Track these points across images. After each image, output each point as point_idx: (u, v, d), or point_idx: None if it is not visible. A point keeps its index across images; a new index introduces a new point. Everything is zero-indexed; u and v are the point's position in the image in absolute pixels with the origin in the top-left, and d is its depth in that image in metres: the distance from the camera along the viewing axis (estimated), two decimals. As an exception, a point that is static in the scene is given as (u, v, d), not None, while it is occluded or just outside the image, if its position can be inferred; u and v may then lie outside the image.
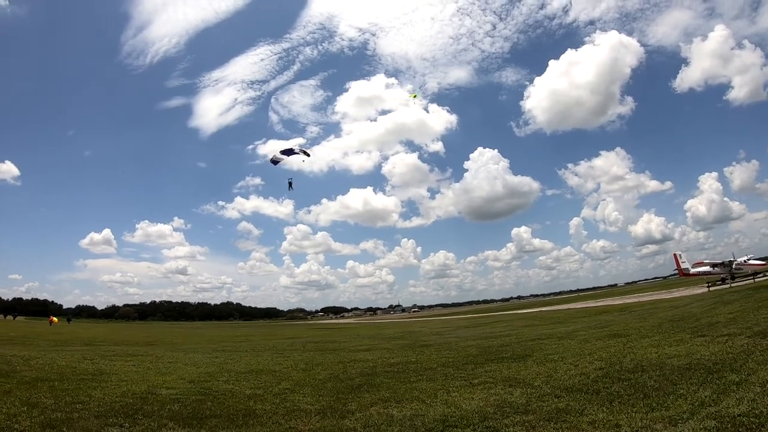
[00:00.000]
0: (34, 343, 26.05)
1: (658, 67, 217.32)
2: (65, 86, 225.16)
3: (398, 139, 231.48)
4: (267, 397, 9.76)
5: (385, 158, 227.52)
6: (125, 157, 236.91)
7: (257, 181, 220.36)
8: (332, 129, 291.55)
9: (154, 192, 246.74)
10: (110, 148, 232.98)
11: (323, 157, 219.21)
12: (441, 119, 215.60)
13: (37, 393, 9.40)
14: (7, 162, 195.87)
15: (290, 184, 32.65)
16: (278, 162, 28.29)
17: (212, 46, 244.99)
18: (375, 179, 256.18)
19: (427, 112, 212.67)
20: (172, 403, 8.99)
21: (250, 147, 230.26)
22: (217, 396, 9.85)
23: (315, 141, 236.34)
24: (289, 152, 28.02)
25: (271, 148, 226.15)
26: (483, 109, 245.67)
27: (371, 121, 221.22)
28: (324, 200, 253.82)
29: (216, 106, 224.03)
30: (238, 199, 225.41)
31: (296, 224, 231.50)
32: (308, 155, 29.32)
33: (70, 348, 23.16)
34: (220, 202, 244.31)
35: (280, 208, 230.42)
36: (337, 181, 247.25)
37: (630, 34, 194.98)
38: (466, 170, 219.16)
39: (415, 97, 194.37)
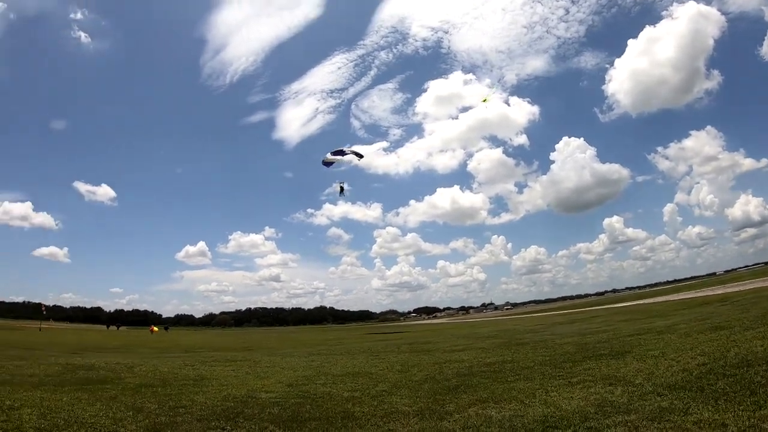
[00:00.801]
0: (136, 351, 28.34)
1: (742, 36, 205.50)
2: (152, 111, 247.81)
3: (481, 135, 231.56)
4: (364, 399, 9.78)
5: (470, 155, 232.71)
6: (215, 172, 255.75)
7: (344, 187, 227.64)
8: (414, 130, 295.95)
9: (244, 204, 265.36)
10: (200, 165, 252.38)
11: (408, 158, 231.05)
12: (523, 111, 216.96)
13: (142, 398, 10.02)
14: (104, 185, 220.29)
15: (342, 189, 32.22)
16: (330, 164, 28.04)
17: (289, 59, 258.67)
18: (461, 177, 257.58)
19: (508, 105, 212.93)
20: (271, 406, 9.24)
21: None
22: (315, 399, 10.00)
23: (398, 143, 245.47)
24: (340, 153, 27.86)
25: None
26: (564, 97, 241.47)
27: (452, 119, 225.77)
28: (412, 201, 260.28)
29: (298, 117, 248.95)
30: (327, 206, 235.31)
31: (385, 227, 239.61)
32: (361, 156, 28.77)
33: (171, 355, 24.89)
34: (309, 210, 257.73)
35: (368, 212, 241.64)
36: (424, 182, 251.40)
37: (709, 3, 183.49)
38: (553, 162, 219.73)
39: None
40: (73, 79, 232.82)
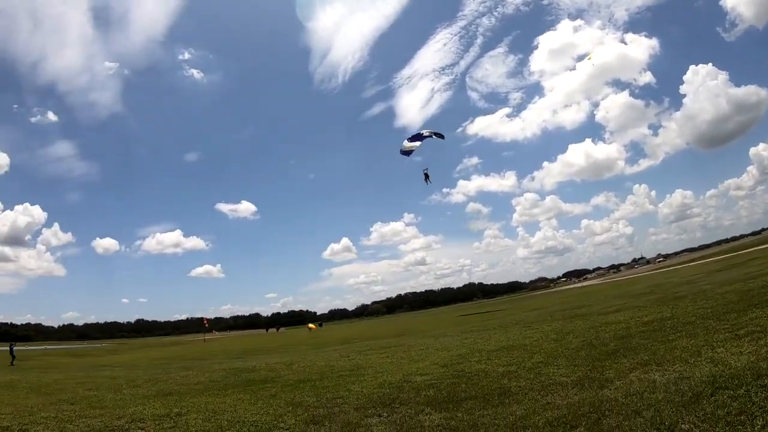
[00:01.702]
0: (295, 350, 30.49)
1: None
2: (275, 126, 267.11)
3: (603, 81, 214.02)
4: (520, 372, 9.73)
5: (596, 105, 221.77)
6: (346, 170, 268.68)
7: (474, 160, 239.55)
8: (534, 90, 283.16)
9: (380, 195, 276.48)
10: (331, 167, 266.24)
11: (533, 120, 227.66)
12: (641, 47, 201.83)
13: (300, 393, 10.73)
14: (244, 202, 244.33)
15: (427, 176, 30.67)
16: (410, 152, 26.97)
17: (393, 47, 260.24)
18: (590, 129, 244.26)
19: (625, 43, 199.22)
20: (427, 388, 9.41)
21: (459, 130, 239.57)
22: (470, 377, 10.05)
23: (521, 107, 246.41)
24: (418, 138, 26.61)
25: (480, 125, 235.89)
26: (682, 22, 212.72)
27: (570, 70, 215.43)
28: (545, 163, 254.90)
29: (415, 101, 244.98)
30: (461, 183, 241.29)
31: (522, 194, 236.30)
32: (442, 137, 27.24)
33: (327, 349, 26.42)
34: (445, 190, 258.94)
35: (503, 182, 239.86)
36: (553, 141, 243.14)
37: None
38: (684, 95, 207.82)
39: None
40: (197, 113, 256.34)
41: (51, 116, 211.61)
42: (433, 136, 27.01)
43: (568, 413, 6.33)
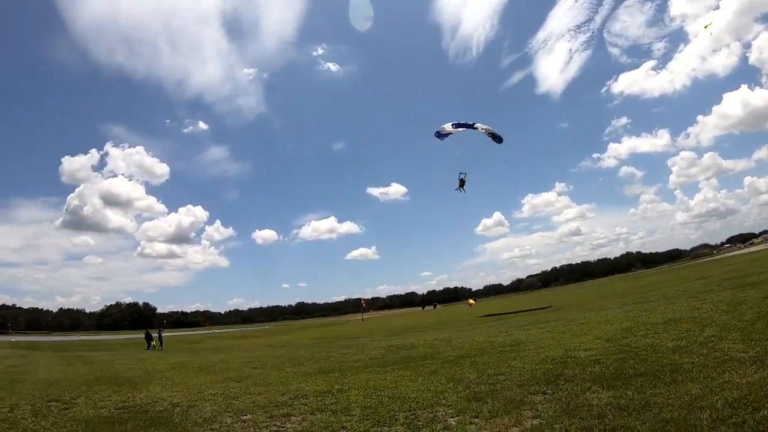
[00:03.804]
0: (452, 326, 30.66)
1: None
2: (416, 107, 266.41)
3: (752, 18, 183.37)
4: (692, 347, 8.92)
5: (747, 46, 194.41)
6: (492, 144, 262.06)
7: (623, 121, 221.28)
8: (678, 38, 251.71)
9: (529, 166, 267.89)
10: (475, 141, 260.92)
11: (681, 71, 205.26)
12: None
13: (461, 369, 10.66)
14: (393, 184, 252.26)
15: (462, 182, 26.68)
16: (446, 135, 24.30)
17: (523, 12, 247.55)
18: (745, 74, 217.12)
19: None
20: (592, 364, 8.89)
21: (603, 90, 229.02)
22: (638, 352, 9.37)
23: (666, 57, 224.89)
24: (466, 126, 23.62)
25: (625, 82, 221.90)
26: None
27: (713, 9, 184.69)
28: (699, 117, 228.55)
29: (554, 64, 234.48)
30: (611, 146, 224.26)
31: (678, 153, 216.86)
32: (500, 140, 23.85)
33: (484, 325, 26.24)
34: (595, 155, 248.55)
35: (655, 141, 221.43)
36: (706, 92, 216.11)
37: None
38: None
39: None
40: (337, 104, 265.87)
41: (202, 125, 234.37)
42: (489, 135, 24.46)
43: (749, 393, 5.65)
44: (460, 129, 24.81)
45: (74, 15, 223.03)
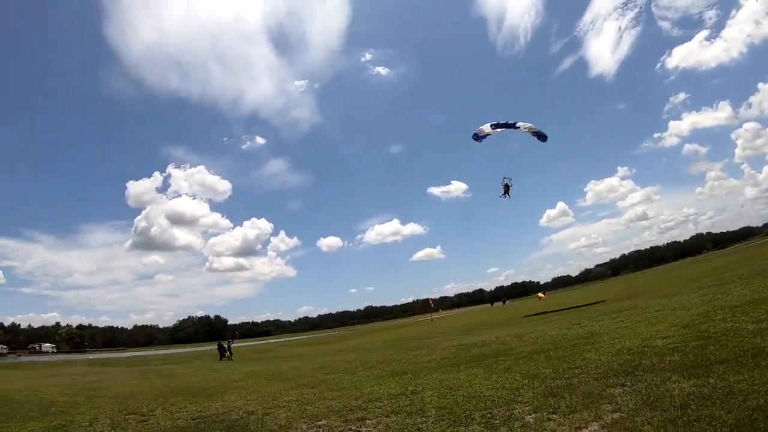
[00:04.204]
0: (522, 322, 30.21)
1: None
2: (468, 101, 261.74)
3: None
4: None
5: None
6: (549, 133, 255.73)
7: (682, 96, 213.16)
8: (728, 3, 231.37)
9: (587, 151, 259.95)
10: (528, 137, 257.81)
11: (735, 38, 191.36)
12: None
13: (535, 364, 10.60)
14: (454, 182, 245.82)
15: (507, 188, 25.53)
16: (483, 137, 23.01)
17: None
18: None
19: None
20: (670, 353, 8.66)
21: (658, 66, 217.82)
22: (717, 338, 9.05)
23: (719, 26, 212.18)
24: (507, 126, 22.11)
25: (679, 56, 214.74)
26: None
27: None
28: (760, 85, 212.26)
29: (605, 45, 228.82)
30: (672, 123, 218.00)
31: (741, 125, 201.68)
32: (544, 138, 22.27)
33: (555, 318, 25.80)
34: (656, 135, 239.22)
35: (717, 114, 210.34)
36: (765, 57, 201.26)
37: None
38: None
39: None
40: (391, 107, 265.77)
41: (259, 140, 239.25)
42: (534, 135, 23.16)
43: None
44: (500, 129, 23.99)
45: (124, 46, 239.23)
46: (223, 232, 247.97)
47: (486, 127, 23.97)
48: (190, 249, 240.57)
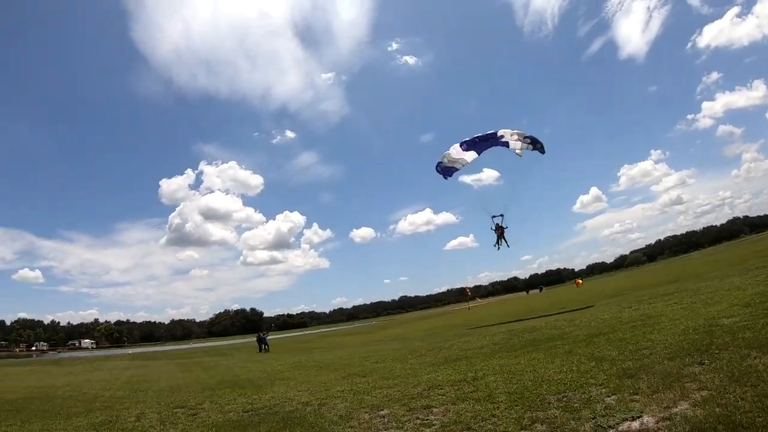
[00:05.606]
0: (565, 307, 29.81)
1: None
2: (498, 88, 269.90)
3: None
4: None
5: None
6: (579, 117, 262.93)
7: (714, 76, 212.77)
8: None
9: (619, 136, 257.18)
10: (563, 116, 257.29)
11: (765, 14, 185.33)
12: None
13: (597, 347, 10.41)
14: (485, 169, 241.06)
15: (501, 233, 23.86)
16: (453, 171, 21.76)
17: None
18: None
19: None
20: (742, 330, 8.47)
21: (689, 46, 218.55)
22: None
23: (750, 1, 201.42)
24: (484, 141, 20.61)
25: (710, 34, 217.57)
26: None
27: None
28: None
29: (634, 26, 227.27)
30: (705, 105, 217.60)
31: None
32: (542, 149, 21.53)
33: (603, 302, 25.44)
34: (689, 116, 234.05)
35: (751, 94, 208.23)
36: None
37: None
38: None
39: None
40: (420, 95, 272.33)
41: (289, 134, 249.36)
42: (521, 148, 20.21)
43: None
44: (475, 155, 21.04)
45: (151, 47, 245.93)
46: (256, 226, 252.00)
47: (454, 152, 20.79)
48: (224, 243, 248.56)
